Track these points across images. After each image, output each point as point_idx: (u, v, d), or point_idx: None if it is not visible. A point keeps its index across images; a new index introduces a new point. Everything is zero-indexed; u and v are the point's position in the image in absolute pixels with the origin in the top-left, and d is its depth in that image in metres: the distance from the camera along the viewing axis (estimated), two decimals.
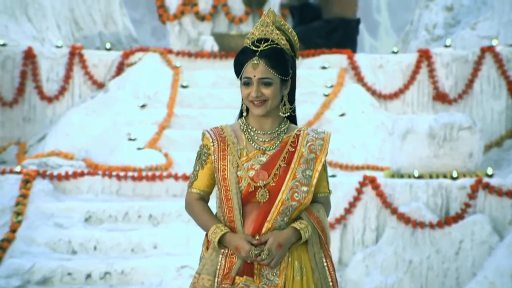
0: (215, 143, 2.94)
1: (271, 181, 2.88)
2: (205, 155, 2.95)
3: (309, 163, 2.91)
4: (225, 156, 2.91)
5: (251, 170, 2.89)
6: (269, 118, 2.95)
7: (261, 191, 2.88)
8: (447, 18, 9.66)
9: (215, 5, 9.57)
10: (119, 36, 10.27)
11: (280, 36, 2.93)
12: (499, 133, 8.50)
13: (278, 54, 2.91)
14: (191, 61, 8.94)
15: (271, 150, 2.92)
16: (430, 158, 6.85)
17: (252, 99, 2.91)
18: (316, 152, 2.93)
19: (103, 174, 7.21)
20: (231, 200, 2.88)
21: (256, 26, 2.96)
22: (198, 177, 2.96)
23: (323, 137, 2.96)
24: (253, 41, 2.93)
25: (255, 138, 2.95)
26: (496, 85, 8.62)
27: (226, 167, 2.89)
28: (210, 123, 8.16)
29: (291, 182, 2.88)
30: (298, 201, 2.89)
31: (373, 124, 8.15)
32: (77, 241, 6.49)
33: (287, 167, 2.89)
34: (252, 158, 2.91)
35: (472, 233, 6.50)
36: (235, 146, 2.92)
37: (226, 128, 2.97)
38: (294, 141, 2.94)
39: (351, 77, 8.75)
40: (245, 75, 2.92)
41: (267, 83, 2.90)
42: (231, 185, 2.88)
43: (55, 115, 8.69)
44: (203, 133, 2.99)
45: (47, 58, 8.77)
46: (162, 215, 6.79)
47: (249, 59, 2.91)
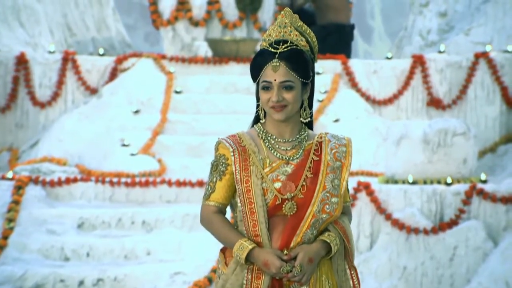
0: (235, 153, 2.75)
1: (299, 193, 2.73)
2: (223, 165, 2.75)
3: (335, 172, 2.76)
4: (248, 167, 2.73)
5: (277, 182, 2.73)
6: (289, 125, 2.78)
7: (288, 203, 2.72)
8: (441, 24, 9.68)
9: (209, 10, 9.56)
10: (112, 42, 10.25)
11: (300, 37, 2.77)
12: (493, 139, 8.50)
13: (298, 56, 2.75)
14: (185, 67, 8.92)
15: (295, 159, 2.76)
16: (424, 164, 6.84)
17: (273, 104, 2.73)
18: (341, 159, 2.78)
19: (96, 180, 7.18)
20: (256, 214, 2.71)
21: (273, 27, 2.80)
22: (216, 189, 2.76)
23: (345, 143, 2.81)
24: (271, 42, 2.76)
25: (276, 147, 2.77)
26: (490, 91, 8.63)
27: (250, 179, 2.73)
28: (204, 129, 8.14)
29: (322, 193, 2.73)
30: (329, 213, 2.73)
31: (367, 130, 8.14)
32: (70, 248, 6.46)
33: (315, 177, 2.74)
34: (276, 168, 2.74)
35: (467, 239, 6.49)
36: (256, 155, 2.74)
37: (244, 136, 2.78)
38: (317, 149, 2.78)
39: (345, 82, 8.75)
40: (264, 79, 2.74)
41: (288, 86, 2.73)
42: (256, 197, 2.71)
43: (47, 121, 8.66)
44: (219, 141, 2.79)
45: (39, 64, 8.74)
46: (156, 221, 6.77)
47: (268, 61, 2.74)
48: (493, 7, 9.22)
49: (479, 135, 8.34)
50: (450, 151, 6.84)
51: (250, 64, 2.80)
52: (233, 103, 8.43)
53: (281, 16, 2.81)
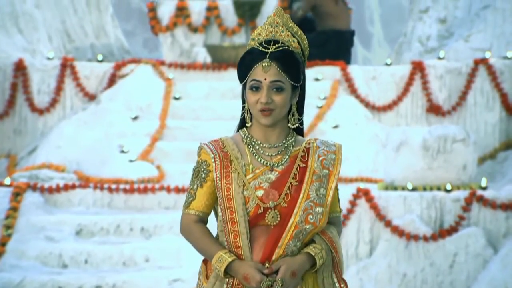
0: (216, 159, 2.59)
1: (282, 202, 2.56)
2: (204, 172, 2.60)
3: (322, 180, 2.58)
4: (229, 174, 2.56)
5: (259, 189, 2.56)
6: (275, 129, 2.62)
7: (271, 213, 2.55)
8: (440, 30, 9.68)
9: (207, 16, 9.56)
10: (111, 48, 10.24)
11: (291, 38, 2.62)
12: (493, 146, 8.49)
13: (290, 57, 2.58)
14: (184, 73, 8.91)
15: (279, 166, 2.59)
16: (424, 171, 6.83)
17: (262, 106, 2.58)
18: (329, 167, 2.60)
19: (95, 187, 7.16)
20: (237, 224, 2.54)
21: (263, 26, 2.64)
22: (197, 197, 2.61)
23: (334, 150, 2.63)
24: (261, 42, 2.60)
25: (260, 152, 2.61)
26: (489, 97, 8.62)
27: (231, 186, 2.55)
28: (203, 135, 8.12)
29: (305, 202, 2.55)
30: (313, 224, 2.56)
31: (366, 136, 8.13)
32: (68, 255, 6.44)
33: (299, 185, 2.57)
34: (259, 175, 2.57)
35: (466, 246, 6.47)
36: (239, 161, 2.58)
37: (227, 141, 2.63)
38: (304, 155, 2.61)
39: (345, 88, 8.74)
40: (253, 78, 2.58)
41: (279, 88, 2.57)
42: (237, 206, 2.54)
43: (46, 127, 8.64)
44: (201, 146, 2.65)
45: (38, 70, 8.72)
46: (154, 228, 6.75)
47: (258, 60, 2.58)
48: (493, 13, 9.23)
49: (479, 141, 8.33)
50: (450, 157, 6.83)
51: (238, 63, 2.64)
52: (232, 109, 8.42)
53: (272, 15, 2.66)
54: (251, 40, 2.65)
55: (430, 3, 9.77)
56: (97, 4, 10.28)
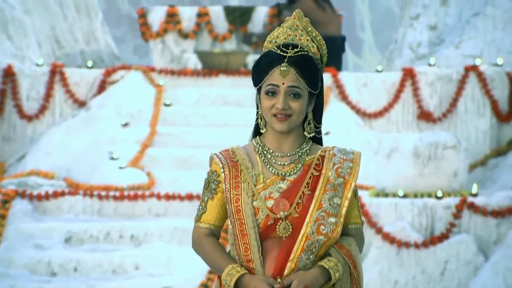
0: (225, 169, 2.47)
1: (294, 212, 2.42)
2: (214, 183, 2.48)
3: (336, 190, 2.44)
4: (239, 184, 2.45)
5: (270, 200, 2.43)
6: (289, 137, 2.48)
7: (282, 224, 2.42)
8: (431, 37, 9.69)
9: (198, 23, 9.54)
10: (101, 54, 10.20)
11: (311, 43, 2.49)
12: (483, 152, 8.49)
13: (309, 63, 2.46)
14: (174, 79, 8.89)
15: (291, 175, 2.46)
16: (415, 177, 6.83)
17: (277, 111, 2.43)
18: (345, 176, 2.46)
19: (84, 194, 7.12)
20: (248, 236, 2.43)
21: (281, 28, 2.51)
22: (207, 209, 2.49)
23: (352, 158, 2.48)
24: (278, 45, 2.48)
25: (272, 162, 2.48)
26: (480, 104, 8.62)
27: (240, 197, 2.44)
28: (194, 142, 8.09)
29: (316, 212, 2.41)
30: (325, 235, 2.42)
31: (357, 143, 8.11)
32: (57, 263, 6.39)
33: (312, 194, 2.43)
34: (270, 185, 2.45)
35: (457, 253, 6.47)
36: (249, 171, 2.46)
37: (238, 151, 2.49)
38: (319, 163, 2.47)
39: (336, 95, 8.73)
40: (270, 82, 2.44)
41: (296, 94, 2.44)
42: (247, 218, 2.42)
43: (35, 134, 8.59)
44: (211, 157, 2.52)
45: (27, 76, 8.68)
46: (144, 235, 6.71)
47: (276, 64, 2.44)
48: (483, 20, 9.24)
49: (470, 148, 8.32)
50: (441, 164, 6.82)
51: (254, 66, 2.50)
52: (222, 115, 8.39)
53: (293, 17, 2.51)
54: (267, 43, 2.53)
55: (420, 10, 9.79)
56: (87, 10, 10.25)
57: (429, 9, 9.74)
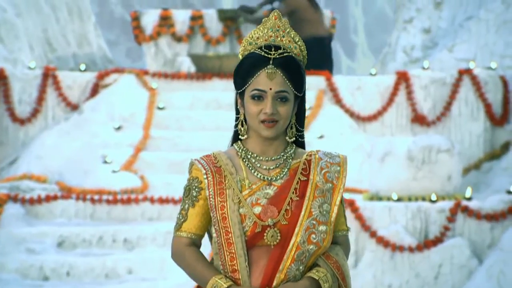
0: (209, 175, 2.35)
1: (282, 219, 2.31)
2: (196, 190, 2.36)
3: (325, 195, 2.35)
4: (223, 191, 2.33)
5: (257, 206, 2.33)
6: (274, 143, 2.38)
7: (270, 231, 2.31)
8: (425, 40, 9.69)
9: (192, 26, 9.52)
10: (93, 57, 10.17)
11: (292, 44, 2.39)
12: (477, 156, 8.49)
13: (295, 65, 2.36)
14: (168, 83, 8.86)
15: (278, 179, 2.35)
16: (409, 181, 6.82)
17: (266, 117, 2.33)
18: (333, 180, 2.36)
19: (77, 198, 7.09)
20: (233, 245, 2.31)
21: (261, 30, 2.40)
22: (188, 218, 2.36)
23: (338, 162, 2.39)
24: (260, 46, 2.37)
25: (257, 166, 2.37)
26: (474, 108, 8.62)
27: (226, 204, 2.32)
28: (187, 145, 8.07)
29: (307, 220, 2.31)
30: (316, 244, 2.31)
31: (351, 146, 8.11)
32: (49, 267, 6.36)
33: (300, 201, 2.33)
34: (256, 190, 2.34)
35: (451, 257, 6.46)
36: (233, 177, 2.35)
37: (220, 156, 2.38)
38: (305, 167, 2.37)
39: (329, 98, 8.72)
40: (256, 87, 2.33)
41: (284, 98, 2.33)
42: (233, 226, 2.30)
43: (27, 138, 8.55)
44: (192, 163, 2.40)
45: (19, 80, 8.64)
46: (138, 239, 6.69)
47: (261, 67, 2.34)
48: (476, 24, 9.25)
49: (464, 152, 8.33)
50: (435, 168, 6.82)
51: (236, 69, 2.39)
52: (216, 119, 8.37)
53: (273, 18, 2.41)
54: (246, 44, 2.41)
55: (414, 13, 9.80)
56: (79, 13, 10.22)
57: (422, 13, 9.74)
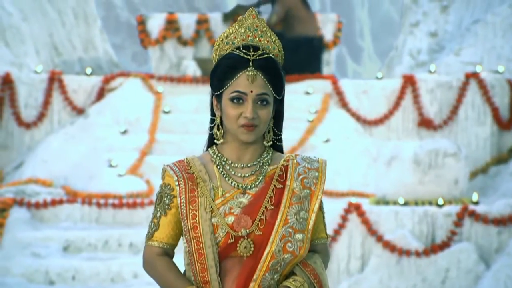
0: (180, 182, 2.26)
1: (256, 229, 2.24)
2: (168, 197, 2.27)
3: (302, 202, 2.26)
4: (195, 199, 2.25)
5: (230, 216, 2.24)
6: (250, 147, 2.30)
7: (243, 242, 2.23)
8: (431, 44, 9.67)
9: (197, 29, 9.51)
10: (99, 61, 10.17)
11: (271, 44, 2.30)
12: (484, 160, 8.46)
13: (274, 67, 2.27)
14: (173, 86, 8.85)
15: (253, 188, 2.27)
16: (415, 185, 6.80)
17: (246, 121, 2.24)
18: (311, 187, 2.28)
19: (83, 202, 7.08)
20: (205, 255, 2.24)
21: (238, 29, 2.30)
22: (160, 226, 2.28)
23: (317, 167, 2.30)
24: (237, 47, 2.28)
25: (231, 173, 2.29)
26: (480, 112, 8.59)
27: (197, 213, 2.24)
28: (192, 149, 8.05)
29: (282, 228, 2.23)
30: (292, 253, 2.24)
31: (357, 150, 8.08)
32: (55, 271, 6.35)
33: (276, 209, 2.24)
34: (230, 199, 2.25)
35: (458, 262, 6.43)
36: (206, 184, 2.26)
37: (194, 161, 2.29)
38: (282, 174, 2.29)
39: (336, 102, 8.70)
40: (236, 89, 2.25)
41: (264, 101, 2.25)
42: (204, 235, 2.23)
43: (33, 142, 8.55)
44: (164, 169, 2.31)
45: (25, 84, 8.64)
46: (143, 243, 6.66)
47: (241, 69, 2.25)
48: (483, 27, 9.23)
49: (470, 155, 8.29)
50: (441, 172, 6.80)
51: (213, 70, 2.31)
52: None
53: (251, 16, 2.30)
54: (222, 44, 2.31)
55: (421, 17, 9.77)
56: (85, 17, 10.22)
57: (429, 16, 9.72)
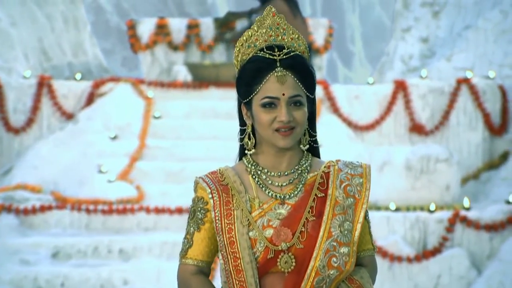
0: (214, 195, 2.13)
1: (297, 242, 2.08)
2: (201, 211, 2.14)
3: (346, 212, 2.09)
4: (231, 212, 2.10)
5: (268, 228, 2.09)
6: (287, 153, 2.13)
7: (284, 257, 2.08)
8: (423, 50, 9.67)
9: (188, 34, 9.49)
10: (89, 66, 10.13)
11: (296, 41, 2.15)
12: (476, 166, 8.46)
13: (303, 64, 2.13)
14: (164, 91, 8.82)
15: (292, 197, 2.11)
16: (407, 191, 6.79)
17: (282, 125, 2.08)
18: (355, 195, 2.11)
19: (72, 208, 7.04)
20: (243, 272, 2.08)
21: (259, 29, 2.14)
22: (194, 243, 2.14)
23: (361, 173, 2.14)
24: (261, 48, 2.12)
25: (268, 183, 2.13)
26: (472, 117, 8.59)
27: (233, 227, 2.09)
28: (183, 155, 8.02)
29: (326, 242, 2.07)
30: (338, 268, 2.07)
31: (349, 156, 8.06)
32: (44, 278, 6.30)
33: (318, 220, 2.09)
34: (267, 211, 2.10)
35: (450, 268, 6.42)
36: (242, 196, 2.12)
37: (227, 172, 2.15)
38: (323, 182, 2.13)
39: (327, 107, 8.69)
40: (267, 94, 2.09)
41: (298, 102, 2.10)
42: (242, 251, 2.08)
43: (22, 147, 8.50)
44: (196, 181, 2.17)
45: (14, 89, 8.59)
46: (133, 250, 6.64)
47: (268, 71, 2.09)
48: (474, 33, 9.24)
49: (462, 161, 8.29)
50: (433, 177, 6.79)
51: (239, 77, 2.14)
52: (213, 128, 8.33)
53: (271, 15, 2.15)
54: (244, 48, 2.15)
55: (412, 22, 9.78)
56: (74, 22, 10.18)
57: (420, 22, 9.73)
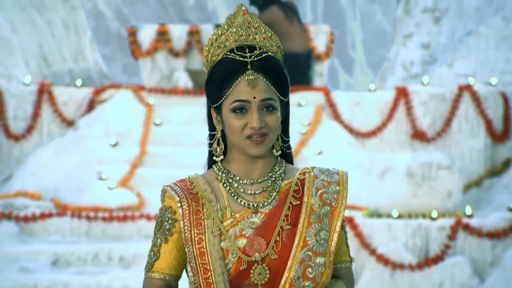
0: (183, 203, 2.00)
1: (272, 253, 1.97)
2: (169, 222, 2.01)
3: (322, 221, 1.99)
4: (201, 221, 1.98)
5: (241, 238, 1.98)
6: (260, 161, 2.02)
7: (257, 268, 1.96)
8: (424, 56, 9.66)
9: (189, 41, 9.48)
10: (89, 73, 10.12)
11: (268, 41, 2.02)
12: (478, 173, 8.43)
13: (276, 66, 2.00)
14: (165, 98, 8.81)
15: (266, 206, 2.00)
16: (409, 198, 6.77)
17: (253, 132, 1.97)
18: (331, 203, 2.00)
19: (72, 215, 7.03)
20: (214, 285, 1.95)
21: (229, 29, 2.02)
22: (161, 255, 2.02)
23: (338, 180, 2.03)
24: (231, 49, 2.00)
25: (240, 191, 2.02)
26: (474, 124, 8.57)
27: (204, 237, 1.97)
28: (184, 161, 8.00)
29: (301, 252, 1.95)
30: (313, 280, 1.96)
31: (350, 163, 8.04)
32: (44, 286, 6.28)
33: (293, 229, 1.97)
34: (240, 220, 1.98)
35: (452, 276, 6.39)
36: (213, 205, 2.00)
37: (197, 180, 2.03)
38: (298, 189, 2.01)
39: (328, 114, 8.67)
40: (237, 97, 1.98)
41: (270, 106, 1.98)
42: (213, 262, 1.95)
43: (22, 154, 8.48)
44: (163, 190, 2.04)
45: (14, 96, 8.58)
46: (134, 257, 6.62)
47: (239, 74, 1.97)
48: (476, 39, 9.22)
49: (464, 168, 8.26)
50: (435, 184, 6.77)
51: (208, 80, 2.05)
52: None
53: (242, 13, 2.02)
54: (213, 48, 2.03)
55: (413, 28, 9.77)
56: (75, 28, 10.17)
57: (422, 28, 9.71)
